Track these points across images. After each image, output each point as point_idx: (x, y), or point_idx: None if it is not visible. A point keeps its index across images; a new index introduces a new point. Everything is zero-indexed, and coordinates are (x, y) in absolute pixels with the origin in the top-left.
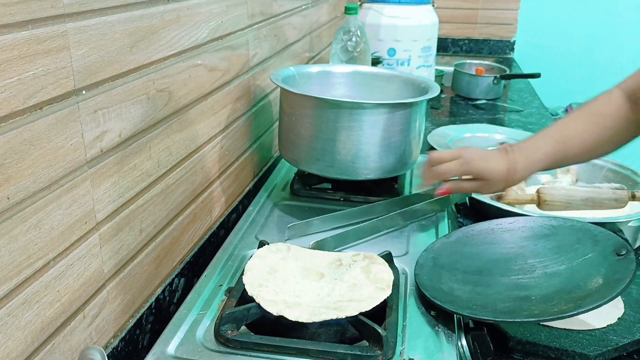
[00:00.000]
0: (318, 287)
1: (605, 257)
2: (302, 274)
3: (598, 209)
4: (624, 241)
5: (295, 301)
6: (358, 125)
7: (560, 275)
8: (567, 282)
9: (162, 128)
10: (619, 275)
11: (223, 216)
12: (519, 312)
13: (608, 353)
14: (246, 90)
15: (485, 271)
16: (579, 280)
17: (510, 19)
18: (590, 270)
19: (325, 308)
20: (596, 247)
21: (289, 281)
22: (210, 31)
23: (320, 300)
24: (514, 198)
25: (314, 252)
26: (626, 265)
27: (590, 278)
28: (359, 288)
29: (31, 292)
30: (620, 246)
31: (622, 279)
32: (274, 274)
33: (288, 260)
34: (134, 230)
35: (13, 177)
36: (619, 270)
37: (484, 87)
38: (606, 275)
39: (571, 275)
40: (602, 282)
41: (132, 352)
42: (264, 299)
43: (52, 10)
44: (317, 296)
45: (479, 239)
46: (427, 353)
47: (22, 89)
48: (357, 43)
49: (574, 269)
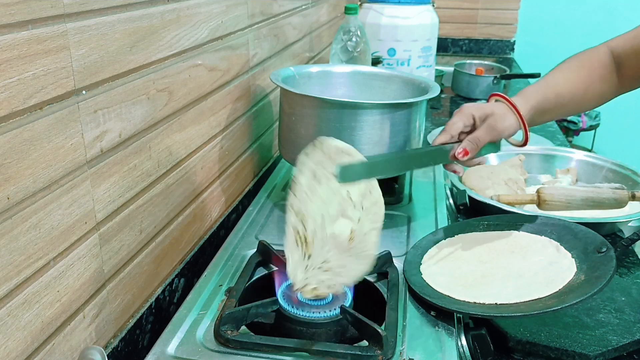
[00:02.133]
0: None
1: (586, 254)
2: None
3: (598, 209)
4: (604, 239)
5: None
6: (358, 125)
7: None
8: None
9: (162, 128)
10: (600, 272)
11: (223, 216)
12: (506, 307)
13: (608, 353)
14: (246, 90)
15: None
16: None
17: (510, 19)
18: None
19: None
20: (578, 244)
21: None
22: (210, 31)
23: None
24: (514, 198)
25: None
26: (606, 262)
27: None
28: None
29: (31, 292)
30: (600, 244)
31: (603, 275)
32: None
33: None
34: (134, 230)
35: (13, 177)
36: (599, 267)
37: (484, 87)
38: (587, 272)
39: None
40: (584, 279)
41: (132, 352)
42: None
43: (52, 10)
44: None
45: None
46: (427, 353)
47: (22, 89)
48: (357, 43)
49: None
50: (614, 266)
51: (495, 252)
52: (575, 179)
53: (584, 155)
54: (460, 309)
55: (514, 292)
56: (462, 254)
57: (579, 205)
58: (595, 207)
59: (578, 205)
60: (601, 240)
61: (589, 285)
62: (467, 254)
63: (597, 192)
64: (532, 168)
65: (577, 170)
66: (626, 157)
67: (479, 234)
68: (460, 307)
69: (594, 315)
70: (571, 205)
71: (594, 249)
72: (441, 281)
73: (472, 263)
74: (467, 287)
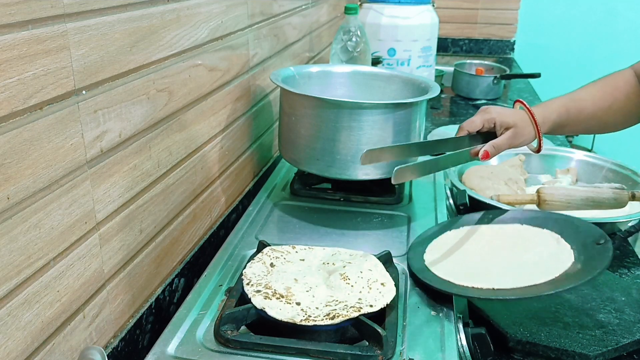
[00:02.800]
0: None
1: (585, 246)
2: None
3: (598, 208)
4: (602, 232)
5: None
6: (358, 125)
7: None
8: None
9: (162, 128)
10: (596, 262)
11: (223, 216)
12: (502, 292)
13: (608, 353)
14: (246, 90)
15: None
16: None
17: (510, 19)
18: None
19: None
20: (578, 237)
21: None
22: (210, 31)
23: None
24: (514, 198)
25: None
26: (604, 253)
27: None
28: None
29: (31, 292)
30: (599, 236)
31: (599, 264)
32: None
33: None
34: (134, 230)
35: (13, 177)
36: (597, 257)
37: (484, 87)
38: (584, 262)
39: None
40: (580, 268)
41: (132, 352)
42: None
43: (52, 10)
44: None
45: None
46: (427, 353)
47: (22, 89)
48: (357, 43)
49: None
50: (610, 256)
51: (497, 244)
52: (575, 179)
53: (584, 155)
54: (458, 292)
55: (512, 279)
56: (465, 244)
57: (579, 205)
58: (595, 207)
59: (578, 205)
60: (600, 232)
61: (584, 274)
62: (470, 245)
63: (597, 192)
64: (532, 168)
65: (577, 170)
66: (626, 157)
67: (483, 226)
68: (458, 290)
69: (594, 315)
70: (571, 205)
71: (592, 241)
72: (442, 267)
73: (474, 253)
74: (467, 274)
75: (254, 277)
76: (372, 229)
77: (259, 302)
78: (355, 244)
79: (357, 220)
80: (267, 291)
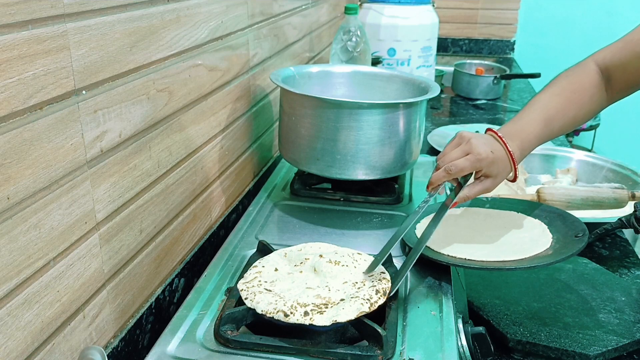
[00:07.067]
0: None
1: (565, 237)
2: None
3: (598, 208)
4: (585, 227)
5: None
6: (358, 125)
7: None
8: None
9: (162, 128)
10: (566, 250)
11: (223, 216)
12: (471, 262)
13: (608, 353)
14: (246, 90)
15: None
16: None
17: (510, 19)
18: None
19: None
20: (562, 229)
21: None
22: (210, 31)
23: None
24: (514, 198)
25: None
26: (576, 245)
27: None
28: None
29: (31, 292)
30: (580, 230)
31: (567, 252)
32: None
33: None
34: (134, 230)
35: (13, 177)
36: (569, 247)
37: (484, 87)
38: (556, 250)
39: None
40: (550, 254)
41: (132, 352)
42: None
43: (52, 10)
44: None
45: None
46: (427, 353)
47: (22, 89)
48: (357, 43)
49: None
50: (580, 248)
51: (487, 224)
52: (575, 179)
53: (584, 155)
54: (431, 256)
55: (487, 253)
56: (458, 220)
57: (579, 205)
58: (595, 207)
59: (578, 205)
60: (582, 227)
61: (549, 258)
62: (462, 221)
63: (597, 192)
64: (532, 168)
65: (577, 170)
66: (626, 157)
67: (481, 209)
68: (433, 255)
69: (594, 315)
70: (571, 205)
71: (573, 234)
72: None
73: (463, 229)
74: (449, 245)
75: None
76: (372, 229)
77: (250, 304)
78: (355, 243)
79: (357, 220)
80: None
